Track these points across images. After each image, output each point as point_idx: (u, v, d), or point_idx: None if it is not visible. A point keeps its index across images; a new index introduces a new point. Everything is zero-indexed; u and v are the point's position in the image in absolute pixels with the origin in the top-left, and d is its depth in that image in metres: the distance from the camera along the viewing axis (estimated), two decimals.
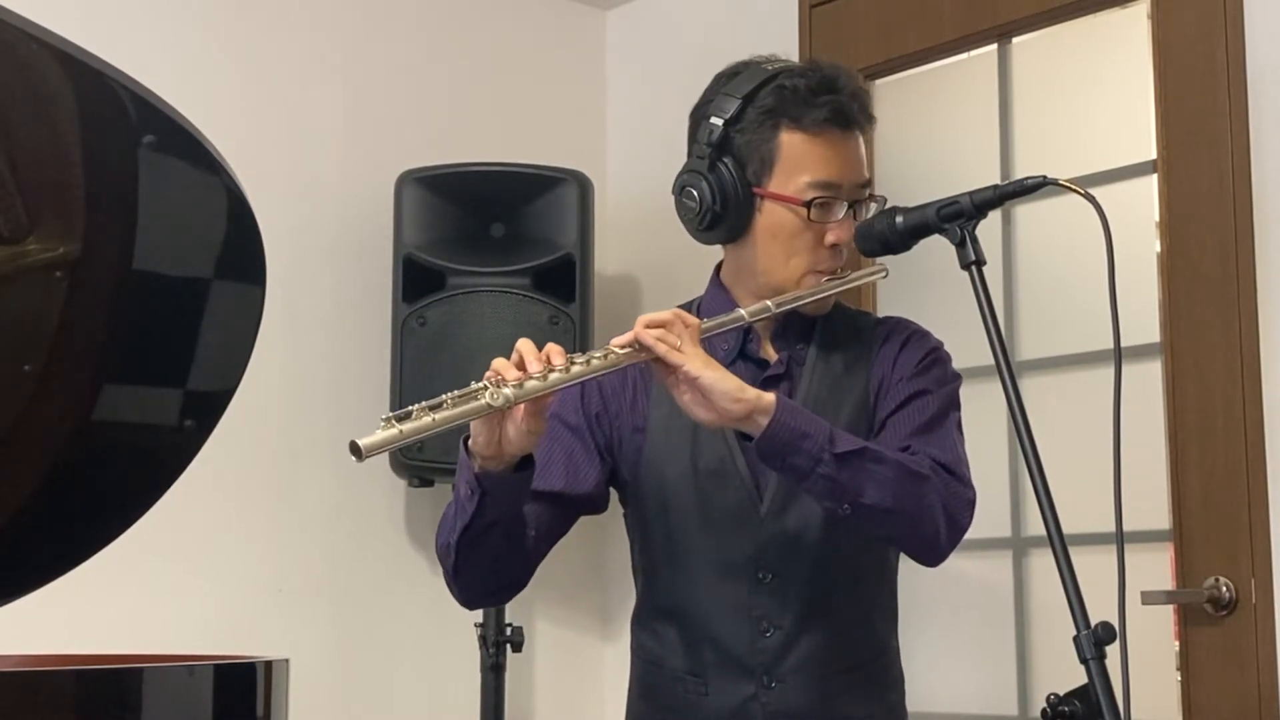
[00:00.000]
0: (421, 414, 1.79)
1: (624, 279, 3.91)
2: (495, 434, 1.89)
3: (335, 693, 3.41)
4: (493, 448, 1.90)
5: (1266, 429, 2.77)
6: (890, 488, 1.96)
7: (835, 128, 2.10)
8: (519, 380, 1.85)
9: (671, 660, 2.15)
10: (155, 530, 2.10)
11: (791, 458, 1.94)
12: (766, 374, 2.15)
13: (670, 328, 1.94)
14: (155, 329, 1.88)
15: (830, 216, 2.10)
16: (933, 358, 2.18)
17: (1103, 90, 3.25)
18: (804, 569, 2.10)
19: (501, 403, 1.83)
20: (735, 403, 1.91)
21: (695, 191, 2.12)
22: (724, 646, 2.11)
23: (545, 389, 1.87)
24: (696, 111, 2.17)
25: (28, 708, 1.61)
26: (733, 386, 1.91)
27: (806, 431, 1.93)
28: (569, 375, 1.89)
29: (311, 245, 3.49)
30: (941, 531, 2.02)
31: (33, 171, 1.72)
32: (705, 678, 2.12)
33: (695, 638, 2.13)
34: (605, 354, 1.93)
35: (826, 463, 1.93)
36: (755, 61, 2.16)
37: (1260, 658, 2.76)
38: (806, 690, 2.10)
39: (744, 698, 2.10)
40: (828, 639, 2.11)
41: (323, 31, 3.59)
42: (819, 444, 1.93)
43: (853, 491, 1.95)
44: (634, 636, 2.24)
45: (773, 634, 2.10)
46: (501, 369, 1.88)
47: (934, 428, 2.11)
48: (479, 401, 1.82)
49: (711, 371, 1.92)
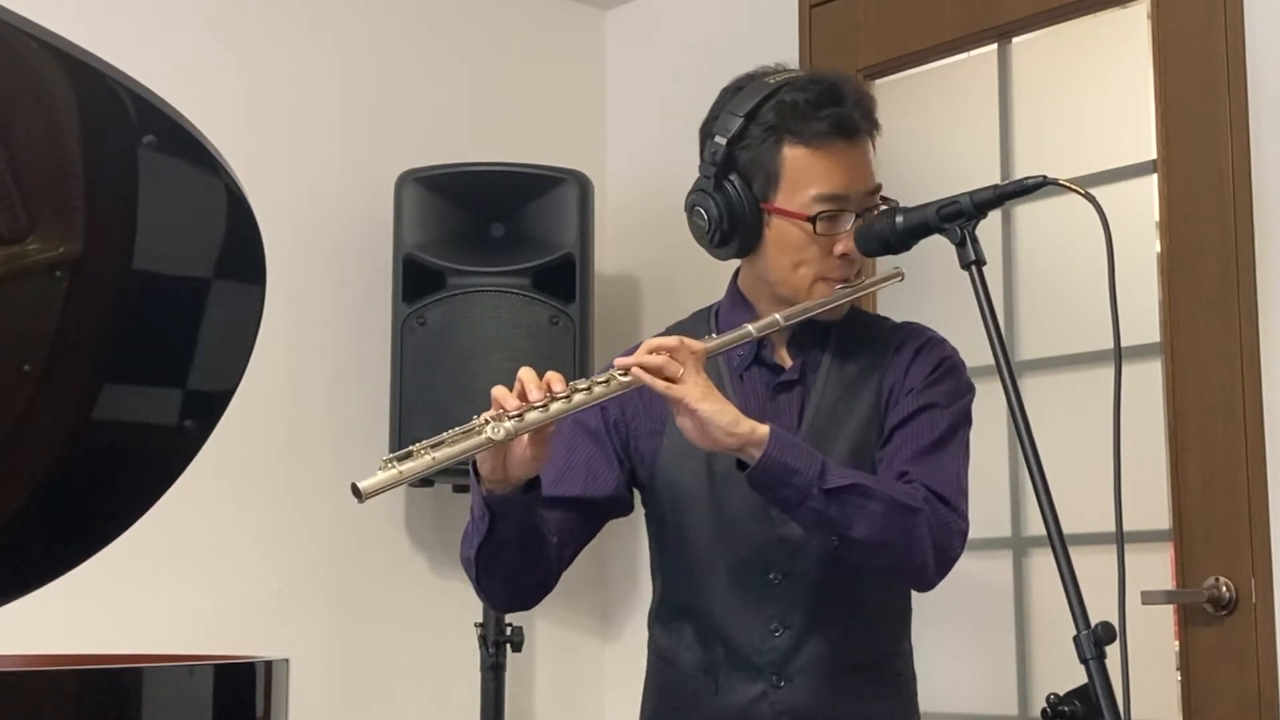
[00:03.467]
0: (422, 452, 1.83)
1: (624, 279, 3.90)
2: (500, 461, 1.93)
3: (335, 693, 3.41)
4: (498, 473, 1.94)
5: (1266, 429, 2.77)
6: (879, 522, 1.99)
7: (839, 139, 2.09)
8: (520, 410, 1.88)
9: (685, 657, 2.18)
10: (155, 530, 2.10)
11: (781, 490, 1.98)
12: (780, 379, 2.17)
13: (674, 354, 1.96)
14: (155, 329, 1.88)
15: (838, 228, 2.10)
16: (946, 367, 2.18)
17: (1103, 90, 3.25)
18: (814, 570, 2.11)
19: (503, 436, 1.87)
20: (729, 435, 1.95)
21: (704, 210, 2.14)
22: (734, 645, 2.12)
23: (547, 419, 1.90)
24: (704, 129, 2.18)
25: (28, 708, 1.61)
26: (728, 420, 1.94)
27: (796, 468, 1.96)
28: (571, 404, 1.92)
29: (311, 245, 3.49)
30: (930, 564, 2.06)
31: (33, 171, 1.72)
32: (716, 676, 2.14)
33: (707, 636, 2.15)
34: (608, 379, 1.95)
35: (815, 497, 1.97)
36: (758, 74, 2.16)
37: (1260, 658, 2.76)
38: (815, 690, 2.11)
39: (753, 696, 2.11)
40: (837, 639, 2.12)
41: (323, 31, 3.59)
42: (808, 479, 1.97)
43: (841, 525, 1.99)
44: (651, 633, 2.27)
45: (782, 634, 2.11)
46: (501, 399, 1.91)
47: (938, 450, 2.12)
48: (480, 436, 1.86)
49: (709, 404, 1.94)
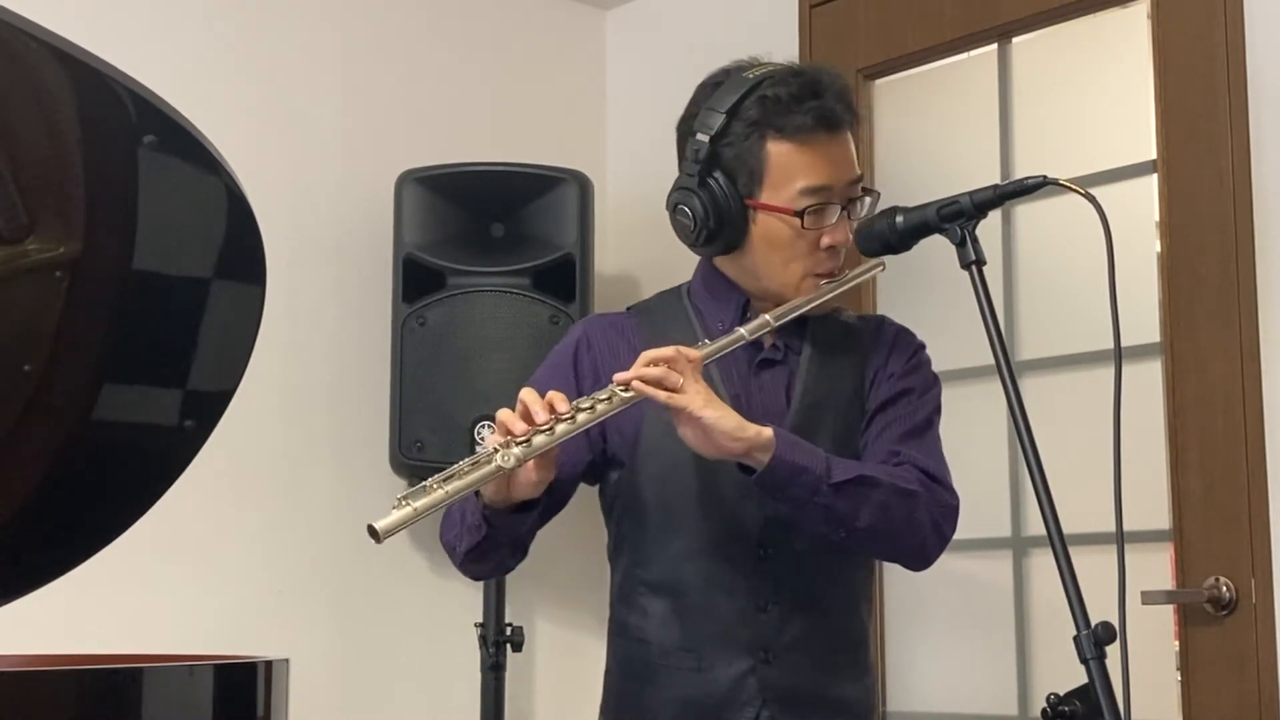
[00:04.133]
0: (435, 487, 1.84)
1: (624, 279, 3.90)
2: (504, 483, 1.94)
3: (335, 693, 3.41)
4: (502, 492, 1.96)
5: (1266, 429, 2.77)
6: (883, 510, 2.02)
7: (822, 131, 2.09)
8: (526, 436, 1.89)
9: (660, 635, 2.15)
10: (155, 530, 2.09)
11: (790, 490, 1.99)
12: (761, 357, 2.17)
13: (673, 364, 1.96)
14: (155, 329, 1.88)
15: (824, 221, 2.11)
16: (920, 359, 2.24)
17: (1103, 90, 3.25)
18: (803, 547, 2.11)
19: (513, 464, 1.89)
20: (735, 441, 1.95)
21: (688, 208, 2.13)
22: (720, 621, 2.11)
23: (553, 442, 1.91)
24: (682, 125, 2.18)
25: (28, 708, 1.61)
26: (733, 425, 1.95)
27: (805, 466, 1.98)
28: (576, 424, 1.93)
29: (311, 245, 3.49)
30: (929, 542, 2.09)
31: (33, 171, 1.72)
32: (699, 653, 2.12)
33: (688, 612, 2.13)
34: (610, 396, 1.96)
35: (823, 493, 1.99)
36: (736, 69, 2.15)
37: (1260, 658, 2.76)
38: (801, 668, 2.11)
39: (740, 672, 2.10)
40: (821, 619, 2.14)
41: (323, 32, 3.59)
42: (817, 476, 1.98)
43: (849, 517, 2.01)
44: (614, 617, 2.23)
45: (770, 609, 2.11)
46: (508, 422, 1.91)
47: (922, 433, 2.16)
48: (490, 466, 1.88)
49: (713, 410, 1.95)
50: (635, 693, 2.18)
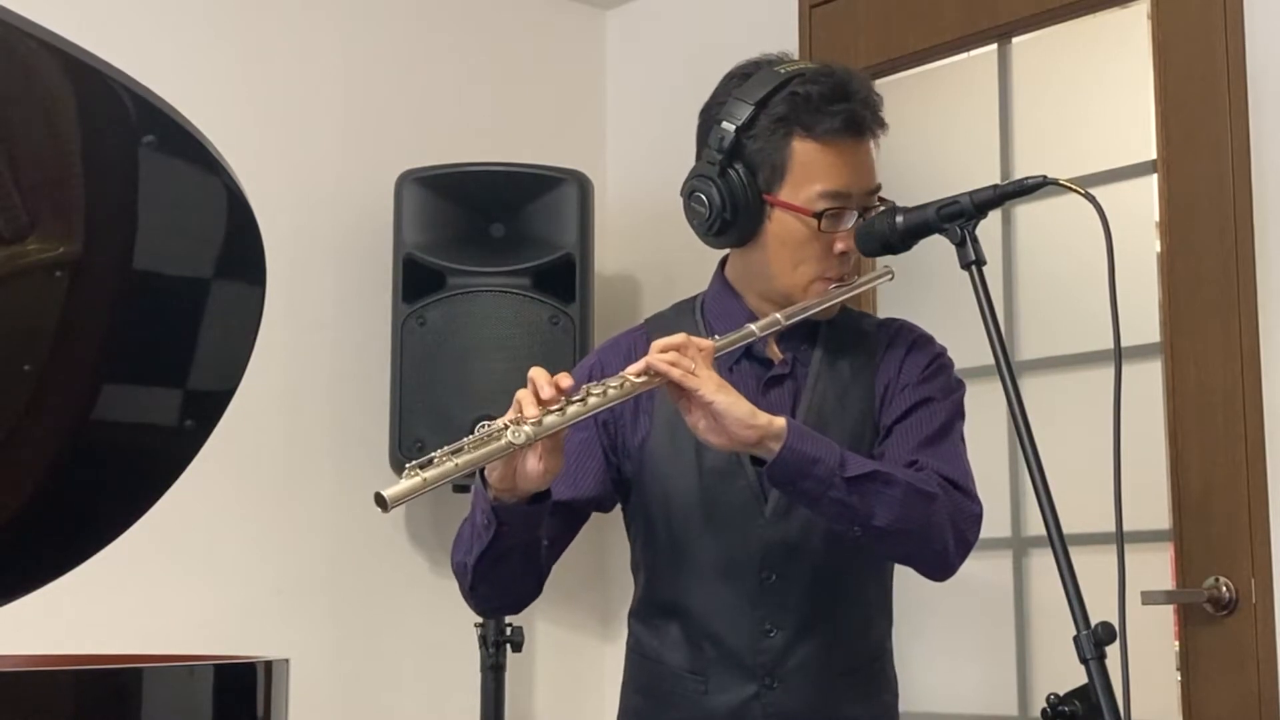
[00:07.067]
0: (444, 459, 1.81)
1: (624, 279, 3.90)
2: (511, 468, 1.91)
3: (335, 693, 3.41)
4: (508, 481, 1.92)
5: (1266, 429, 2.77)
6: (900, 509, 1.98)
7: (848, 136, 2.08)
8: (538, 416, 1.86)
9: (671, 657, 2.15)
10: (155, 530, 2.10)
11: (803, 483, 1.95)
12: (771, 373, 2.15)
13: (684, 351, 1.94)
14: (155, 329, 1.88)
15: (840, 226, 2.09)
16: (938, 364, 2.19)
17: (1103, 90, 3.25)
18: (807, 570, 2.10)
19: (524, 440, 1.84)
20: (748, 429, 1.92)
21: (705, 196, 2.11)
22: (726, 645, 2.11)
23: (564, 423, 1.88)
24: (706, 113, 2.15)
25: (28, 708, 1.61)
26: (745, 412, 1.92)
27: (818, 457, 1.94)
28: (586, 407, 1.90)
29: (311, 245, 3.49)
30: (950, 548, 2.05)
31: (33, 171, 1.72)
32: (706, 676, 2.12)
33: (696, 636, 2.13)
34: (621, 383, 1.93)
35: (838, 487, 1.95)
36: (766, 62, 2.13)
37: (1260, 658, 2.76)
38: (807, 692, 2.10)
39: (745, 697, 2.10)
40: (829, 641, 2.11)
41: (322, 32, 3.60)
42: (830, 468, 1.94)
43: (864, 514, 1.97)
44: (632, 632, 2.24)
45: (775, 634, 2.10)
46: (523, 401, 1.88)
47: (941, 439, 2.12)
48: (501, 441, 1.84)
49: (725, 396, 1.92)
50: (648, 710, 2.19)
